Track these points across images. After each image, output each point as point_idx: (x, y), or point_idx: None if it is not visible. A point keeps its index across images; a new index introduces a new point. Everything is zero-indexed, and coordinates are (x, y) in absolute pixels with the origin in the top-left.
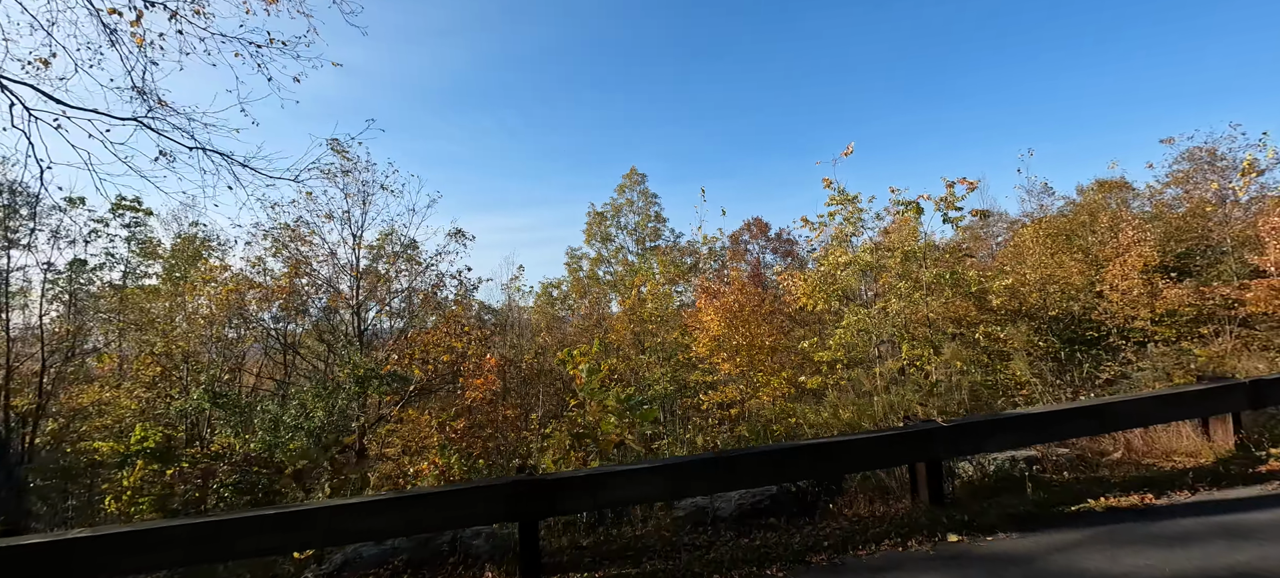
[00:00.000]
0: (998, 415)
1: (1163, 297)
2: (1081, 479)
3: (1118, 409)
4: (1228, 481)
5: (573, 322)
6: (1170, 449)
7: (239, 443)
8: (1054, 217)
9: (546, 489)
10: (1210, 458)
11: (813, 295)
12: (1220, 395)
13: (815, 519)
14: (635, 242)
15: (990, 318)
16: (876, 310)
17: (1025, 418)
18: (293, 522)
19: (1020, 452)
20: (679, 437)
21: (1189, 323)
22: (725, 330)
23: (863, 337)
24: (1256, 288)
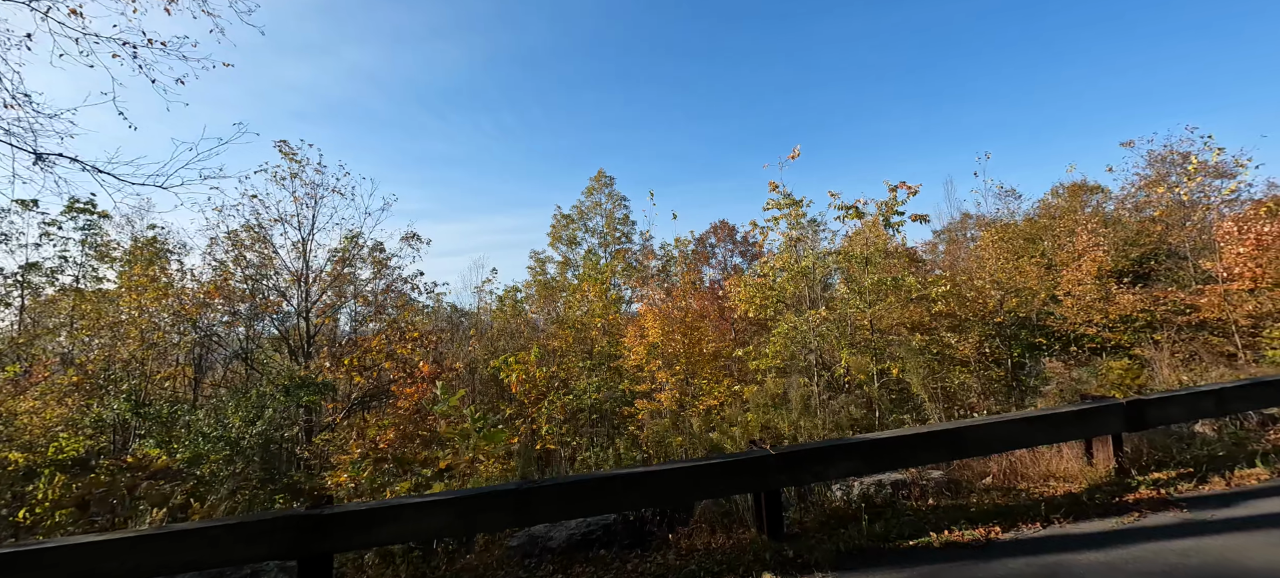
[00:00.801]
0: (836, 442)
1: (1116, 302)
2: (941, 507)
3: (976, 434)
4: (1085, 512)
5: (544, 327)
6: (1051, 473)
7: (162, 454)
8: (1008, 222)
9: (318, 525)
10: (1083, 484)
11: (751, 302)
12: (1096, 417)
13: (647, 551)
14: (601, 244)
15: (943, 324)
16: (805, 318)
17: (867, 444)
18: (18, 564)
19: (889, 476)
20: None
21: (1143, 329)
22: (660, 338)
23: (797, 345)
24: (1209, 293)
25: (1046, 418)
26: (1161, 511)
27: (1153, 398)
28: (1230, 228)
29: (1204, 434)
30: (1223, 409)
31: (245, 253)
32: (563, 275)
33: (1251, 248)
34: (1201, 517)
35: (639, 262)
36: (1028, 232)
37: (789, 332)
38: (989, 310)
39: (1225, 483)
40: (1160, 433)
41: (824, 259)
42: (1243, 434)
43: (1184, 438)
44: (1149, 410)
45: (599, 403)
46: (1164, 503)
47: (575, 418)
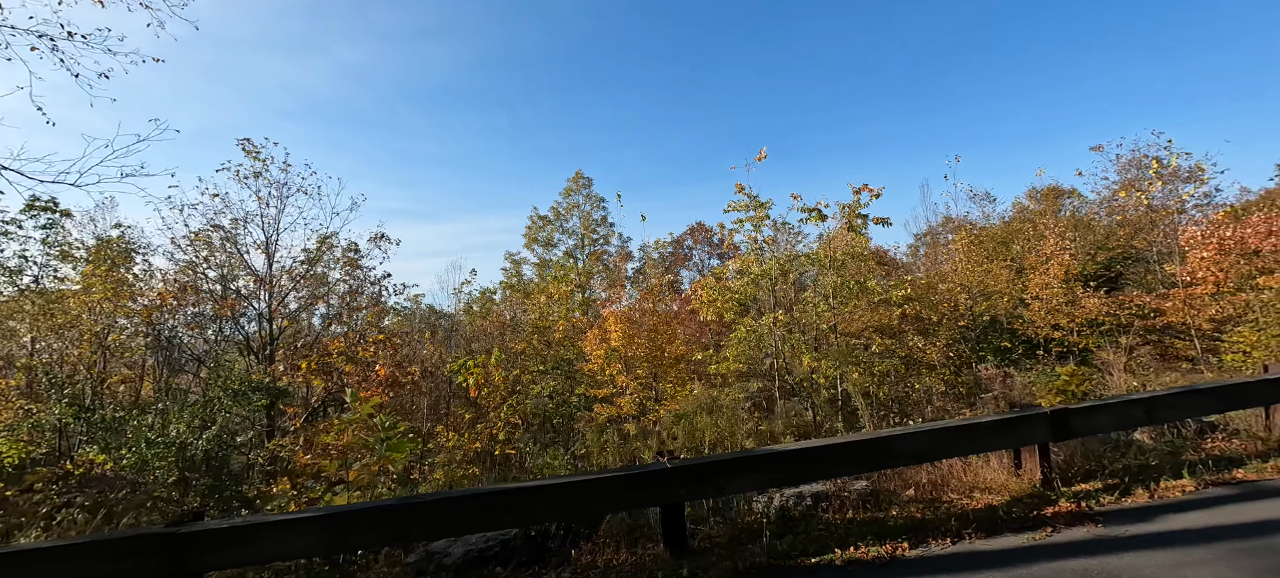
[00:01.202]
0: (740, 455)
1: (1081, 306)
2: (858, 521)
3: (890, 445)
4: (1000, 527)
5: (524, 328)
6: (979, 483)
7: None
8: (977, 225)
9: (178, 543)
10: (1006, 496)
11: (713, 305)
12: (1020, 427)
13: (545, 568)
14: (578, 246)
15: (911, 328)
16: (761, 322)
17: (772, 457)
18: None
19: (813, 487)
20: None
21: (1108, 333)
22: (621, 342)
23: (755, 348)
24: (1174, 297)
25: (966, 429)
26: (1076, 526)
27: (1078, 407)
28: (1193, 232)
29: (1141, 443)
30: (1152, 418)
31: (204, 253)
32: (542, 277)
33: (1214, 252)
34: (1114, 533)
35: (614, 264)
36: (1000, 234)
37: (746, 335)
38: (959, 314)
39: (1149, 496)
40: (1098, 441)
41: (794, 261)
42: (1180, 443)
43: (1120, 446)
44: (1074, 420)
45: (552, 409)
46: (1080, 517)
47: (532, 423)
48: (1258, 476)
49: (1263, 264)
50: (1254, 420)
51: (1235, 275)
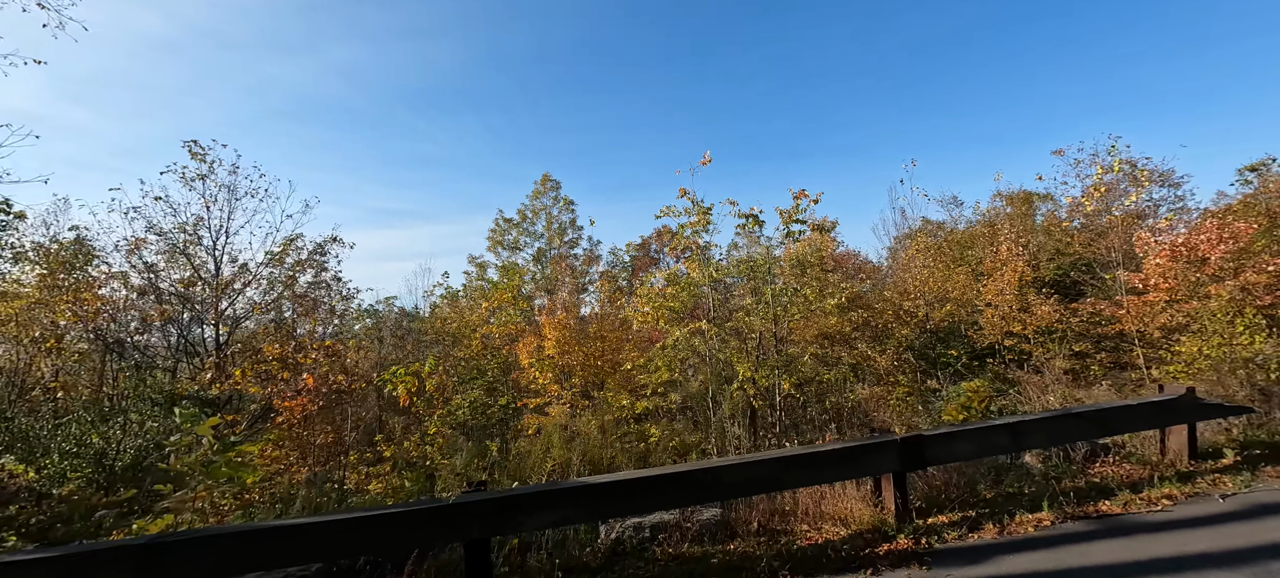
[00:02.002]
0: (540, 489)
1: (1034, 313)
2: (687, 555)
3: (723, 476)
4: (823, 566)
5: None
6: (832, 514)
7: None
8: (941, 227)
9: None
10: (851, 530)
11: (646, 315)
12: (868, 456)
13: None
14: (547, 248)
15: (863, 336)
16: (686, 332)
17: (576, 491)
18: None
19: (655, 517)
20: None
21: (1059, 341)
22: (556, 350)
23: (683, 357)
24: (1129, 304)
25: (807, 458)
26: (901, 567)
27: (933, 434)
28: (1148, 238)
29: (1031, 466)
30: (1019, 444)
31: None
32: (512, 280)
33: (1166, 259)
34: (938, 576)
35: (579, 268)
36: (964, 239)
37: (675, 344)
38: (913, 321)
39: (998, 531)
40: (988, 464)
41: (749, 266)
42: (1062, 469)
43: (1003, 471)
44: (929, 448)
45: (472, 419)
46: (911, 557)
47: (467, 431)
48: (1122, 508)
49: (1212, 271)
50: (1149, 444)
51: (1186, 283)
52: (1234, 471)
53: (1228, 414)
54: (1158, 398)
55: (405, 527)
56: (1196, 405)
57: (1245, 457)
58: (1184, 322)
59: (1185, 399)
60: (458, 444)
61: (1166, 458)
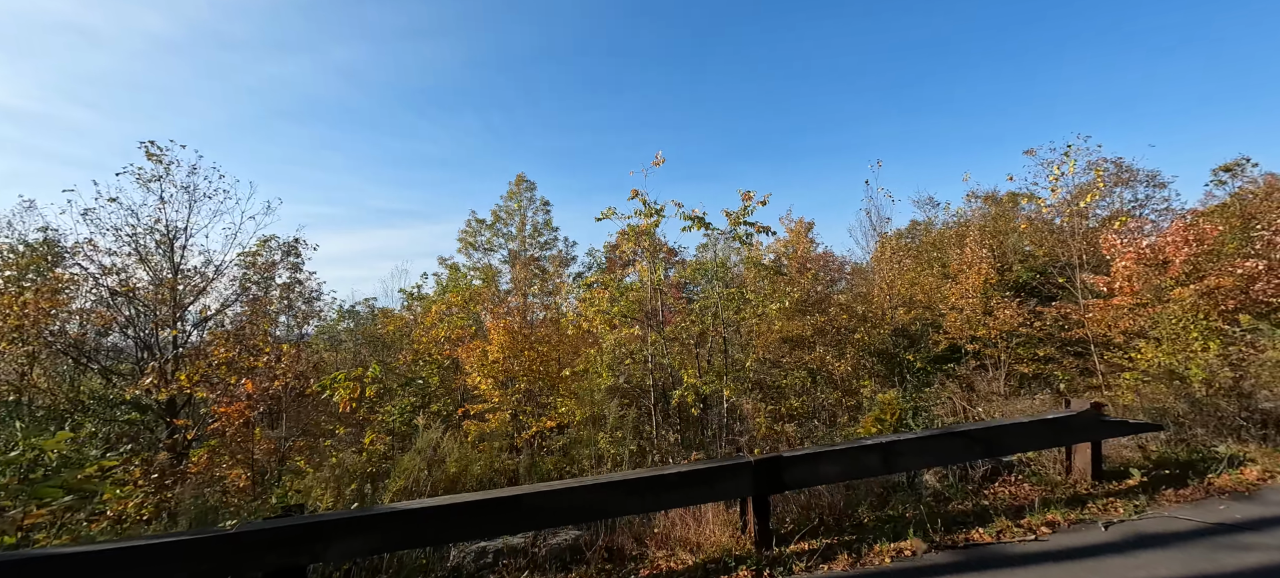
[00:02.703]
0: (341, 516)
1: (997, 317)
2: None
3: (542, 502)
4: None
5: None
6: (698, 539)
7: None
8: (917, 226)
9: None
10: (701, 557)
11: (592, 316)
12: (718, 479)
13: None
14: (518, 250)
15: (821, 340)
16: (620, 338)
17: (380, 518)
18: None
19: (501, 541)
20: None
21: (1023, 345)
22: (500, 356)
23: (619, 363)
24: (1094, 308)
25: (647, 482)
26: None
27: (793, 456)
28: (1114, 241)
29: (929, 484)
30: (891, 466)
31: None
32: (461, 282)
33: (1131, 262)
34: None
35: (551, 269)
36: (937, 240)
37: (613, 349)
38: (881, 323)
39: (852, 561)
40: (881, 483)
41: (698, 270)
42: (957, 489)
43: (894, 490)
44: (790, 471)
45: (401, 426)
46: None
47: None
48: (995, 537)
49: (1176, 274)
50: (1056, 462)
51: (1149, 288)
52: (1132, 494)
53: (1133, 431)
54: (1054, 414)
55: (178, 560)
56: (1098, 423)
57: (1153, 478)
58: (1145, 327)
59: (1083, 416)
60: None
61: (1071, 478)
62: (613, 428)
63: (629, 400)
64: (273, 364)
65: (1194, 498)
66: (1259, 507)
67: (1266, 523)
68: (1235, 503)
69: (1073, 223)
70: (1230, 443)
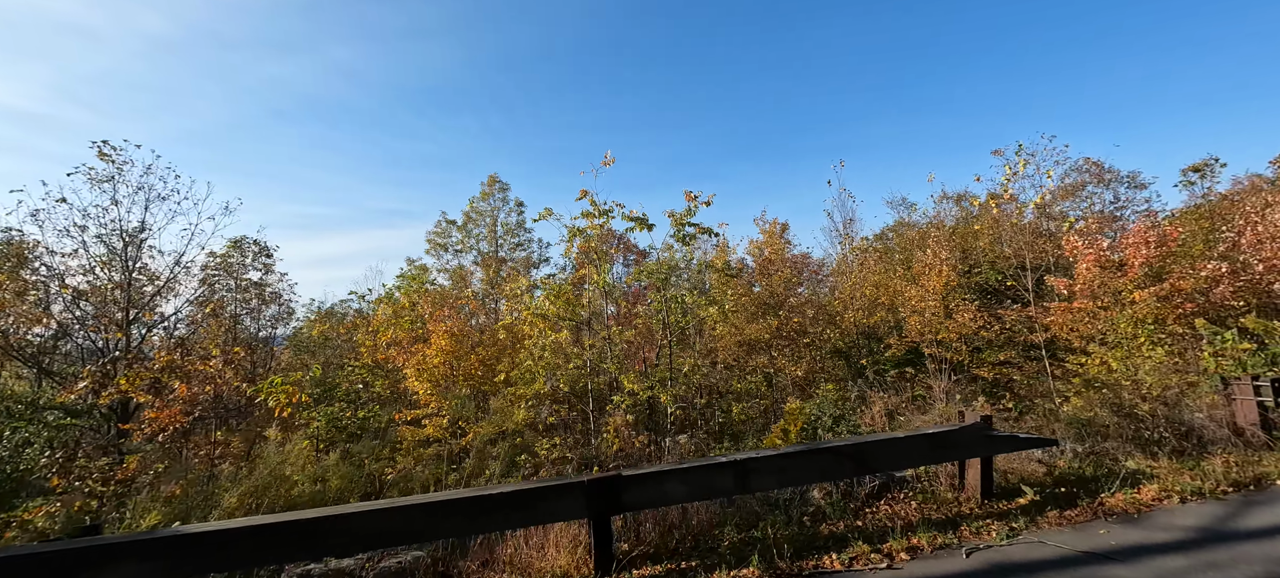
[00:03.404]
0: (135, 538)
1: (956, 320)
2: None
3: (362, 523)
4: None
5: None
6: (539, 565)
7: None
8: (891, 230)
9: None
10: None
11: (529, 320)
12: (543, 502)
13: None
14: (491, 252)
15: (779, 342)
16: (549, 342)
17: (154, 544)
18: None
19: (317, 566)
20: None
21: (984, 349)
22: (440, 360)
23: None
24: (1055, 311)
25: (463, 504)
26: None
27: (634, 476)
28: (1076, 242)
29: (811, 502)
30: (747, 485)
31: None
32: (458, 285)
33: (1092, 264)
34: None
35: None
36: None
37: (543, 352)
38: (839, 327)
39: None
40: (756, 500)
41: (647, 272)
42: (839, 508)
43: (774, 506)
44: (630, 491)
45: (325, 433)
46: None
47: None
48: (845, 565)
49: (1134, 277)
50: (951, 478)
51: (1106, 291)
52: (1015, 516)
53: (1025, 447)
54: (935, 429)
55: None
56: (984, 438)
57: (1046, 496)
58: (1104, 332)
59: (967, 432)
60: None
61: (961, 496)
62: (528, 438)
63: (571, 407)
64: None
65: (1078, 520)
66: (1140, 532)
67: (1140, 553)
68: (1118, 527)
69: (1034, 224)
70: (1140, 457)
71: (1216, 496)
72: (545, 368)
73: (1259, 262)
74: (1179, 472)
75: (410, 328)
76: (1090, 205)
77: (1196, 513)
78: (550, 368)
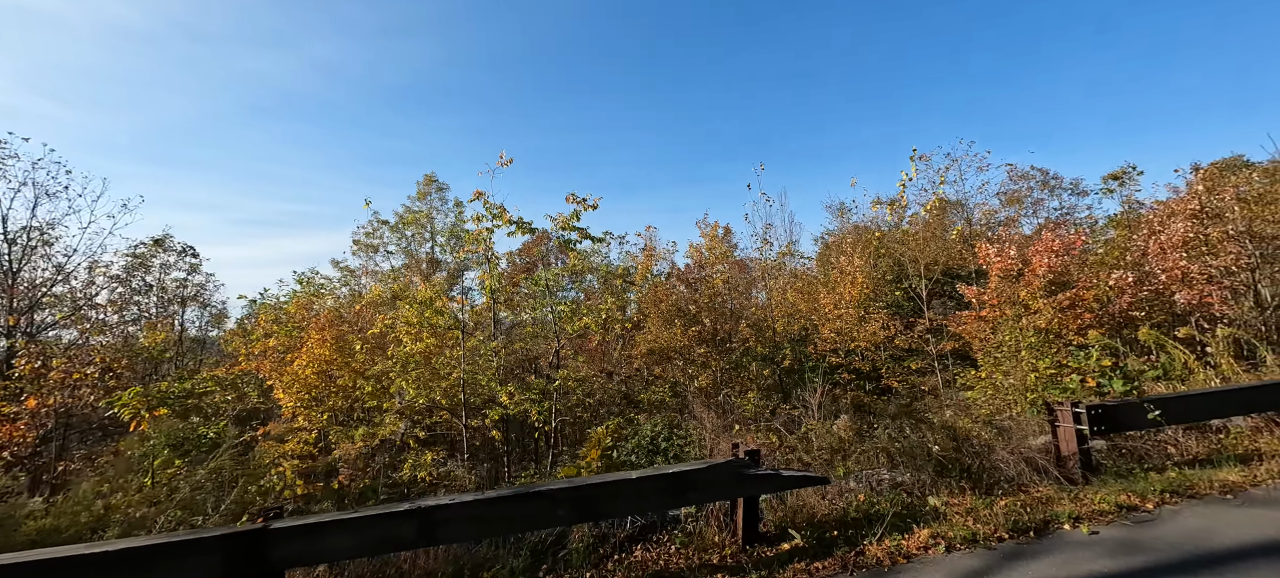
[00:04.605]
0: None
1: (864, 328)
2: None
3: None
4: None
5: None
6: None
7: None
8: (837, 232)
9: None
10: None
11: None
12: (167, 560)
13: None
14: (407, 255)
15: (686, 355)
16: (410, 353)
17: None
18: None
19: None
20: None
21: (899, 358)
22: (310, 371)
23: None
24: (966, 320)
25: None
26: None
27: (285, 528)
28: (988, 250)
29: (575, 544)
30: (435, 537)
31: None
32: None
33: (999, 271)
34: None
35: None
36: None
37: (409, 361)
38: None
39: None
40: (509, 542)
41: (532, 281)
42: (584, 556)
43: (520, 548)
44: (280, 547)
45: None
46: None
47: None
48: None
49: (1035, 285)
50: (719, 518)
51: (1005, 301)
52: (770, 565)
53: (791, 486)
54: (677, 468)
55: None
56: (736, 477)
57: (815, 542)
58: (997, 344)
59: (718, 470)
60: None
61: (727, 539)
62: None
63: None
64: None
65: (825, 572)
66: None
67: None
68: None
69: (907, 228)
70: (946, 493)
71: (989, 543)
72: (413, 381)
73: (1162, 272)
74: (965, 513)
75: (288, 337)
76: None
77: (951, 567)
78: (419, 381)
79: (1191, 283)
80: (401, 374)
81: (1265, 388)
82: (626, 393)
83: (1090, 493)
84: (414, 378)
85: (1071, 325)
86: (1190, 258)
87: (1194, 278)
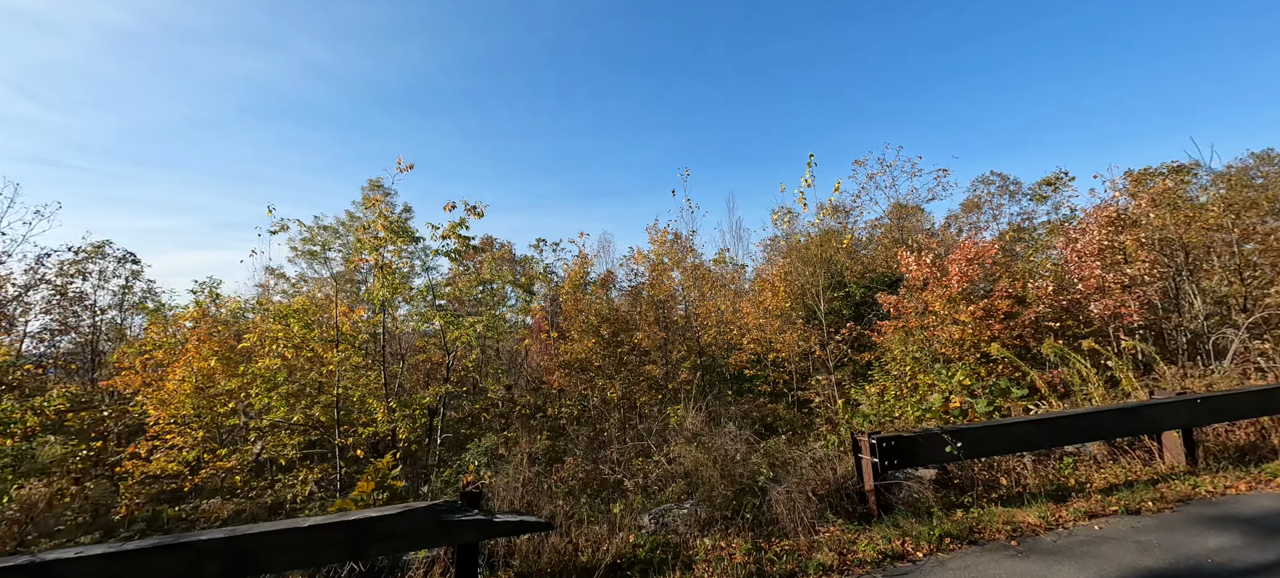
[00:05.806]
0: None
1: (782, 339)
2: None
3: None
4: None
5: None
6: None
7: None
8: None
9: None
10: None
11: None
12: None
13: None
14: (346, 262)
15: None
16: (267, 367)
17: None
18: None
19: None
20: None
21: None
22: (183, 385)
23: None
24: (885, 329)
25: None
26: None
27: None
28: (908, 259)
29: None
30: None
31: None
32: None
33: (915, 279)
34: None
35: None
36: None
37: (272, 375)
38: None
39: None
40: None
41: (428, 290)
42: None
43: None
44: None
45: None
46: None
47: None
48: None
49: (950, 293)
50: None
51: (914, 311)
52: None
53: (511, 533)
54: (359, 515)
55: None
56: (437, 525)
57: None
58: (899, 356)
59: (414, 515)
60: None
61: None
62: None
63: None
64: None
65: None
66: None
67: None
68: None
69: (847, 234)
70: (718, 534)
71: None
72: (281, 396)
73: (1079, 281)
74: (717, 561)
75: (168, 351)
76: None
77: None
78: (289, 395)
79: (1108, 292)
80: (265, 390)
81: (1065, 418)
82: (540, 406)
83: (866, 537)
84: (284, 393)
85: (984, 336)
86: (1104, 267)
87: (1109, 287)
